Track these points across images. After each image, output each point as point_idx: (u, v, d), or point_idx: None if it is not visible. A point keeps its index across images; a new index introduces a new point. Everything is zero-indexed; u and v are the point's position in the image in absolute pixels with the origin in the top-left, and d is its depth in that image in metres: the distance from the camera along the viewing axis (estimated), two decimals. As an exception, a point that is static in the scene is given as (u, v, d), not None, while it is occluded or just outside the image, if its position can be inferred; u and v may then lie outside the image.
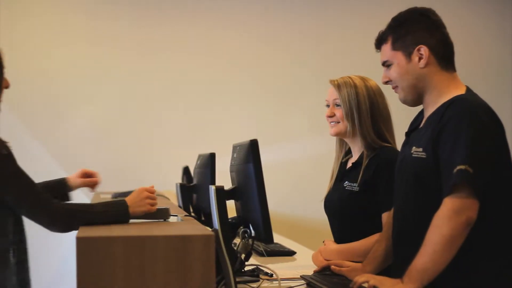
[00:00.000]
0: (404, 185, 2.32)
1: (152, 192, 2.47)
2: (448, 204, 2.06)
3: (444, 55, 2.29)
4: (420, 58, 2.27)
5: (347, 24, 6.29)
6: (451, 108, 2.18)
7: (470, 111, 2.13)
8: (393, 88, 2.37)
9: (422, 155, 2.20)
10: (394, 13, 2.39)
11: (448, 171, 2.08)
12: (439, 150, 2.14)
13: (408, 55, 2.28)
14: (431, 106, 2.29)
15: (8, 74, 2.60)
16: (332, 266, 2.56)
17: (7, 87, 2.59)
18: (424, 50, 2.26)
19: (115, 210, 2.35)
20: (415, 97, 2.32)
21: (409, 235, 2.26)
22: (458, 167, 2.05)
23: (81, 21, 6.07)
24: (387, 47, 2.33)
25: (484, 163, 2.08)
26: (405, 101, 2.36)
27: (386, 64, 2.35)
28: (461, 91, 2.26)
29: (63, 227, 2.33)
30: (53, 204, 2.32)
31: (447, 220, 2.05)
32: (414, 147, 2.25)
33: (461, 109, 2.15)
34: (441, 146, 2.14)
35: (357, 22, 6.27)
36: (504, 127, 2.20)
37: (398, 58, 2.30)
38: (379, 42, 2.37)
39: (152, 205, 2.43)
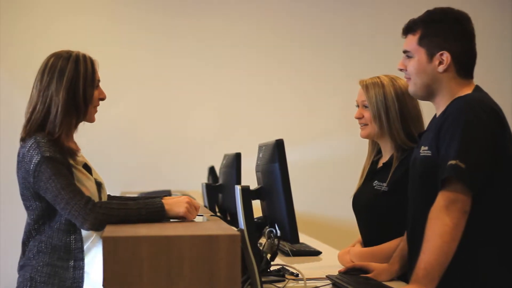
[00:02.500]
0: (414, 185, 2.36)
1: (196, 204, 2.47)
2: (442, 198, 2.09)
3: (465, 65, 2.31)
4: (440, 63, 2.28)
5: (377, 23, 6.26)
6: (452, 105, 2.23)
7: (468, 107, 2.16)
8: (406, 78, 2.40)
9: (428, 153, 2.24)
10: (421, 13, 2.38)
11: (443, 166, 2.11)
12: (440, 147, 2.17)
13: (430, 56, 2.30)
14: (442, 108, 2.31)
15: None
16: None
17: (102, 98, 2.61)
18: (446, 57, 2.27)
19: (151, 209, 2.36)
20: (425, 95, 2.36)
21: (420, 233, 2.27)
22: (450, 162, 2.08)
23: (104, 20, 6.11)
24: (413, 39, 2.34)
25: (476, 158, 2.10)
26: (415, 95, 2.41)
27: (406, 54, 2.36)
28: (469, 91, 2.29)
29: (94, 226, 2.35)
30: (87, 205, 2.34)
31: (445, 210, 2.07)
32: (422, 147, 2.30)
33: (460, 105, 2.19)
34: (441, 142, 2.17)
35: (388, 21, 6.22)
36: (507, 125, 2.21)
37: (420, 55, 2.31)
38: (407, 30, 2.38)
39: (190, 212, 2.42)
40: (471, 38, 2.33)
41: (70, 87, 2.49)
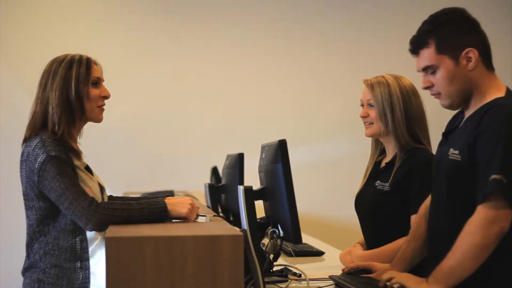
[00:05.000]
0: (439, 185, 2.31)
1: (197, 206, 2.47)
2: (482, 213, 2.05)
3: (487, 55, 2.25)
4: (468, 61, 2.20)
5: (380, 23, 6.25)
6: (490, 113, 2.14)
7: (509, 118, 2.10)
8: (434, 94, 2.28)
9: (457, 157, 2.18)
10: (428, 12, 2.35)
11: (484, 179, 2.06)
12: (477, 157, 2.11)
13: (456, 59, 2.20)
14: (472, 107, 2.25)
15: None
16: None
17: (106, 97, 2.62)
18: (473, 53, 2.19)
19: (153, 209, 2.36)
20: (462, 101, 2.26)
21: (440, 234, 2.26)
22: (493, 177, 2.03)
23: (106, 22, 6.12)
24: (430, 52, 2.23)
25: None
26: (451, 107, 2.29)
27: (428, 69, 2.25)
28: (501, 93, 2.22)
29: (97, 227, 2.36)
30: (91, 206, 2.34)
31: (480, 229, 2.04)
32: (451, 149, 2.22)
33: (500, 115, 2.11)
34: (479, 153, 2.11)
35: (390, 21, 6.22)
36: None
37: (445, 62, 2.21)
38: (418, 47, 2.27)
39: (192, 213, 2.42)
40: (480, 27, 2.26)
41: (63, 85, 2.52)
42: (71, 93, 2.52)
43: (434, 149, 2.76)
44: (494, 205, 2.03)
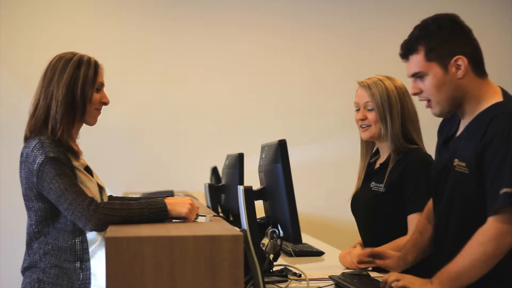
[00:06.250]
0: (444, 196, 2.29)
1: (196, 206, 2.47)
2: (493, 225, 2.05)
3: (479, 62, 2.23)
4: (457, 69, 2.18)
5: (378, 23, 6.25)
6: (495, 122, 2.12)
7: None
8: (423, 100, 2.27)
9: (465, 170, 2.17)
10: (423, 15, 2.33)
11: (494, 191, 2.06)
12: (485, 168, 2.10)
13: (445, 66, 2.18)
14: (469, 114, 2.23)
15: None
16: (377, 261, 2.55)
17: (105, 103, 2.62)
18: (462, 60, 2.17)
19: (153, 209, 2.36)
20: (453, 109, 2.25)
21: (443, 239, 2.26)
22: (504, 190, 2.03)
23: (106, 21, 6.11)
24: (419, 58, 2.21)
25: None
26: (441, 115, 2.27)
27: (417, 75, 2.24)
28: (498, 96, 2.21)
29: (97, 227, 2.36)
30: (90, 206, 2.34)
31: (493, 239, 2.04)
32: (456, 160, 2.21)
33: (506, 124, 2.10)
34: (487, 164, 2.10)
35: (389, 22, 6.22)
36: None
37: (434, 69, 2.19)
38: (407, 52, 2.25)
39: (192, 213, 2.42)
40: (471, 34, 2.24)
41: (69, 84, 2.52)
42: (76, 93, 2.52)
43: (427, 148, 2.77)
44: (507, 219, 2.03)
